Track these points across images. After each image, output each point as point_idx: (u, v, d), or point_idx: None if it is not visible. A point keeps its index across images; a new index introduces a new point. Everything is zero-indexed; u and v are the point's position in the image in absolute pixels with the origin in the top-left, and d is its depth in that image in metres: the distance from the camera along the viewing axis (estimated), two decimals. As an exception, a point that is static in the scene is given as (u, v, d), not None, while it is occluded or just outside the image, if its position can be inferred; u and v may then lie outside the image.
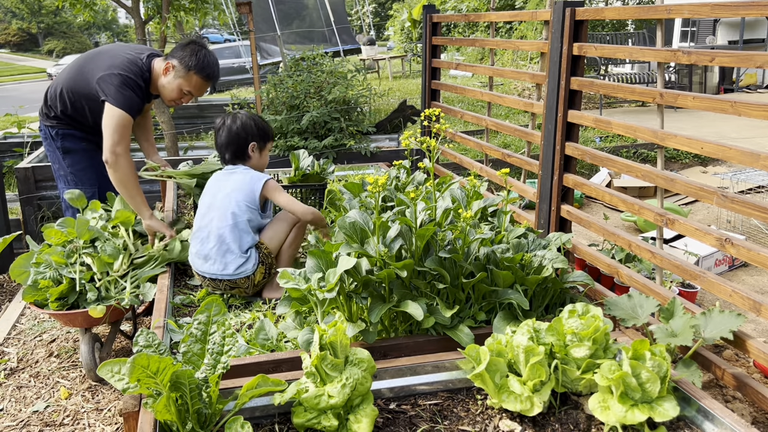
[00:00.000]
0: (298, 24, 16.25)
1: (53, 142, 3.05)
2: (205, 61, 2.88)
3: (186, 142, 7.74)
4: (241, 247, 2.68)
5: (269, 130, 2.95)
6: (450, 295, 2.27)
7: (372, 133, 6.79)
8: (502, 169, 2.66)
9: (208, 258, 2.69)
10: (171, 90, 2.92)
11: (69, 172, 3.09)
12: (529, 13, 3.32)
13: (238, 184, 2.75)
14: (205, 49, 2.92)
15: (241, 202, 2.70)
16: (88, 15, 6.91)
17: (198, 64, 2.86)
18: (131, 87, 2.82)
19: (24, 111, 8.61)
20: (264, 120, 2.95)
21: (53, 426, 2.28)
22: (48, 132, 3.06)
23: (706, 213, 5.30)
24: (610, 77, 10.91)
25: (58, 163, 3.09)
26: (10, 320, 3.12)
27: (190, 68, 2.86)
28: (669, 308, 2.07)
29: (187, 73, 2.87)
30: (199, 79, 2.89)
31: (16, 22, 36.49)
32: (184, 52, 2.88)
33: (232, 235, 2.67)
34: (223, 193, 2.74)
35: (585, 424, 1.80)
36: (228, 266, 2.67)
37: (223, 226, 2.67)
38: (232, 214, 2.68)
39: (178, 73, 2.88)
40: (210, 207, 2.75)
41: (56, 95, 2.99)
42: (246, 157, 2.86)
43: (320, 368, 1.73)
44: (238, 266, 2.66)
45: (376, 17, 30.54)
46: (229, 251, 2.67)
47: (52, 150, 3.08)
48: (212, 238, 2.68)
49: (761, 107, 1.94)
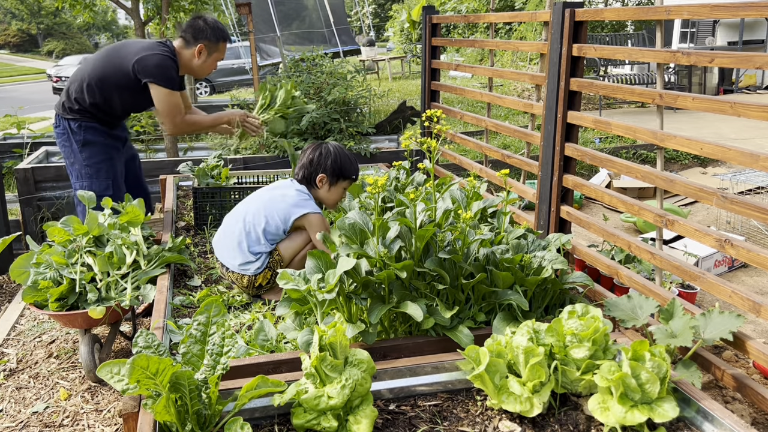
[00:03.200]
0: (298, 25, 16.27)
1: (72, 135, 3.17)
2: (218, 25, 3.25)
3: (186, 143, 7.74)
4: (251, 249, 2.72)
5: (348, 169, 2.86)
6: (450, 296, 2.27)
7: (372, 134, 6.80)
8: (501, 170, 2.66)
9: (225, 244, 2.77)
10: (209, 66, 3.28)
11: (84, 165, 3.20)
12: (529, 14, 3.33)
13: (283, 200, 2.75)
14: (211, 17, 3.27)
15: (275, 215, 2.72)
16: (87, 16, 6.93)
17: (221, 32, 3.25)
18: (169, 66, 3.11)
19: (24, 112, 8.61)
20: (350, 159, 2.89)
21: (53, 427, 2.28)
22: (68, 126, 3.17)
23: (705, 214, 5.30)
24: (609, 78, 10.92)
25: (74, 156, 3.21)
26: (9, 321, 3.11)
27: (219, 39, 3.23)
28: (669, 309, 2.07)
29: (218, 45, 3.23)
30: (224, 45, 3.27)
31: (15, 23, 36.50)
32: (204, 31, 3.19)
33: (248, 238, 2.72)
34: (269, 196, 2.79)
35: (585, 425, 1.80)
36: (236, 259, 2.72)
37: (249, 223, 2.73)
38: (262, 219, 2.72)
39: (212, 49, 3.23)
40: (252, 202, 2.81)
41: (83, 88, 3.13)
42: (314, 185, 2.85)
43: (320, 369, 1.73)
44: (243, 262, 2.71)
45: (375, 18, 30.55)
46: (240, 246, 2.72)
47: (69, 144, 3.20)
48: (237, 228, 2.75)
49: (760, 108, 1.94)
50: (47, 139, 6.67)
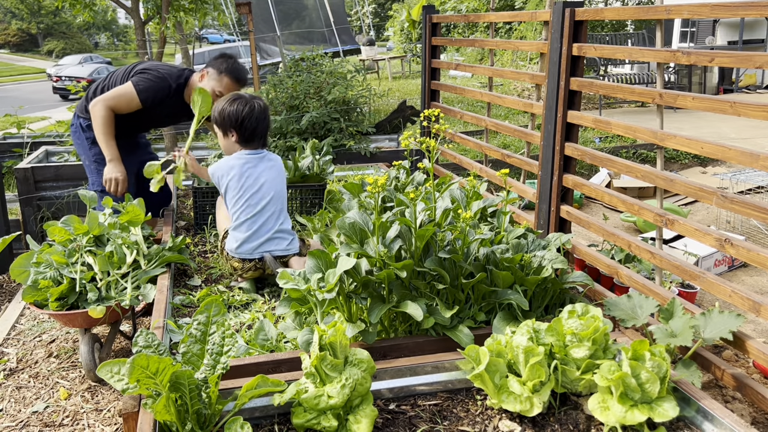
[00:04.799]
0: (298, 24, 16.26)
1: (83, 133, 3.31)
2: (234, 66, 3.34)
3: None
4: (286, 228, 2.93)
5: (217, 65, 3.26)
6: (449, 295, 2.27)
7: (371, 134, 6.80)
8: (501, 170, 2.66)
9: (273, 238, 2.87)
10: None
11: (93, 160, 3.31)
12: (529, 14, 3.32)
13: (282, 171, 3.02)
14: (234, 59, 3.39)
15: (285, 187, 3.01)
16: (87, 15, 6.92)
17: (228, 68, 3.31)
18: (159, 78, 3.21)
19: (23, 111, 8.61)
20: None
21: (53, 426, 2.28)
22: (80, 124, 3.33)
23: (705, 213, 5.30)
24: (609, 78, 10.92)
25: (85, 153, 3.34)
26: (9, 320, 3.11)
27: (222, 72, 3.28)
28: (668, 309, 2.07)
29: (219, 76, 3.28)
30: (229, 81, 3.29)
31: (15, 22, 36.51)
32: (217, 60, 3.33)
33: (285, 216, 2.95)
34: (275, 176, 2.95)
35: (584, 425, 1.80)
36: (281, 244, 2.87)
37: (282, 206, 2.95)
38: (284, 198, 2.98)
39: (212, 76, 3.29)
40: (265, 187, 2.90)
41: (95, 89, 3.30)
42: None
43: (320, 369, 1.73)
44: (290, 240, 2.90)
45: (375, 18, 30.55)
46: (285, 230, 2.91)
47: (81, 141, 3.34)
48: (272, 219, 2.89)
49: (760, 107, 1.94)
50: (47, 139, 6.67)
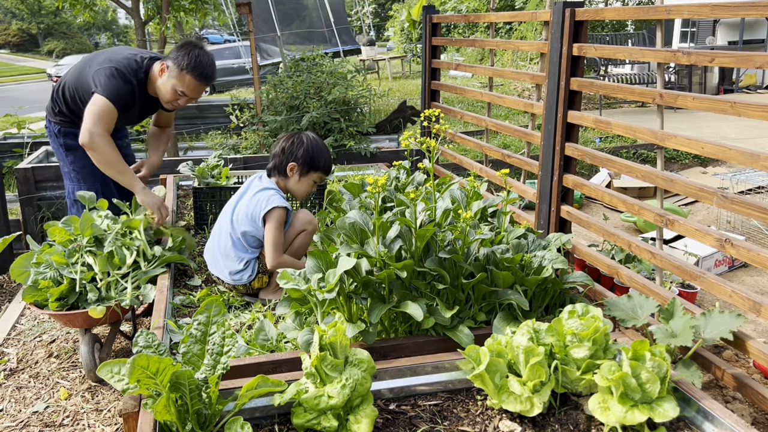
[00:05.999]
0: (298, 24, 16.26)
1: (57, 139, 3.08)
2: (197, 60, 2.83)
3: (186, 143, 7.74)
4: (239, 257, 2.73)
5: (319, 160, 2.79)
6: (450, 295, 2.27)
7: (372, 134, 6.80)
8: (501, 170, 2.66)
9: (215, 257, 2.80)
10: (166, 91, 2.89)
11: (72, 170, 3.12)
12: (529, 14, 3.32)
13: (253, 199, 2.73)
14: (200, 49, 2.88)
15: (250, 220, 2.70)
16: (87, 15, 6.93)
17: (190, 64, 2.82)
18: (121, 79, 2.81)
19: (24, 112, 8.61)
20: (323, 150, 2.83)
21: (53, 426, 2.28)
22: (52, 129, 3.10)
23: (705, 213, 5.30)
24: (609, 78, 10.91)
25: (63, 160, 3.13)
26: (9, 321, 3.11)
27: (183, 68, 2.82)
28: (669, 309, 2.07)
29: (180, 73, 2.84)
30: (191, 79, 2.85)
31: (16, 22, 36.50)
32: (178, 52, 2.86)
33: (235, 248, 2.74)
34: (242, 202, 2.77)
35: (585, 425, 1.80)
36: (227, 269, 2.75)
37: (230, 234, 2.75)
38: (240, 226, 2.72)
39: (172, 73, 2.85)
40: (227, 212, 2.82)
41: (60, 92, 3.02)
42: (285, 174, 2.80)
43: (320, 369, 1.73)
44: (234, 272, 2.74)
45: (375, 18, 30.55)
46: (228, 257, 2.75)
47: (57, 146, 3.12)
48: (221, 240, 2.78)
49: (761, 108, 1.94)
50: (47, 139, 6.68)
